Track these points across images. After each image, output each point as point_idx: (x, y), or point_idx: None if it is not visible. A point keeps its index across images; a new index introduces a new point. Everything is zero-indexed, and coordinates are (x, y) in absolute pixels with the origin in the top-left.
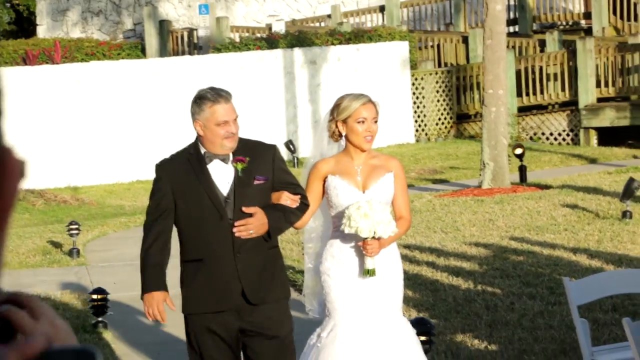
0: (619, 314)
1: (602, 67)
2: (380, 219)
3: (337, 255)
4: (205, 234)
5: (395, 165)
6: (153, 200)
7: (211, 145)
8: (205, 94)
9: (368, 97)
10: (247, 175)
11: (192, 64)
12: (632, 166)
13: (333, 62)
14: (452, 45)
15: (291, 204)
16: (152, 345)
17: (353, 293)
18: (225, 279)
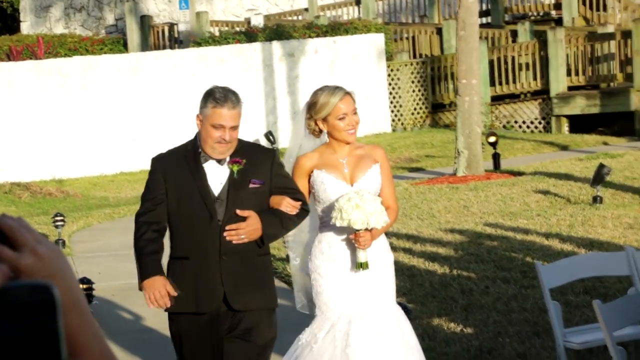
0: (590, 297)
1: (572, 57)
2: (373, 209)
3: (326, 252)
4: (193, 233)
5: (381, 155)
6: (147, 192)
7: (203, 143)
8: (214, 92)
9: (343, 89)
10: (242, 178)
11: (173, 57)
12: (602, 152)
13: (310, 54)
14: (426, 37)
15: (291, 210)
16: (136, 333)
17: (347, 290)
18: (209, 281)
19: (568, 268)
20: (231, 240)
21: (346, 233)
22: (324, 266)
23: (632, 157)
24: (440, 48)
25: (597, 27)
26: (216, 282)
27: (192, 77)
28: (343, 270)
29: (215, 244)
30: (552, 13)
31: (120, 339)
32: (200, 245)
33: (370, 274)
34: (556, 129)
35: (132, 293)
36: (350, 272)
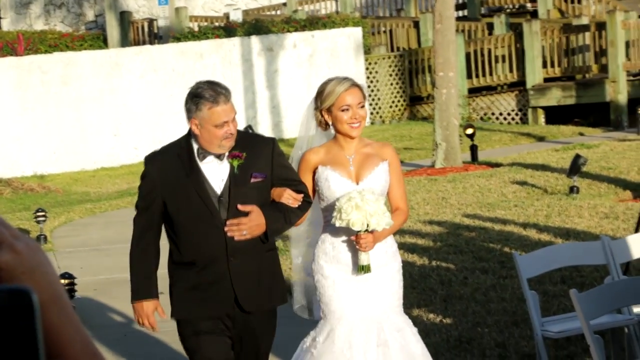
0: (567, 286)
1: (548, 48)
2: (374, 210)
3: (329, 253)
4: (196, 236)
5: (390, 153)
6: (140, 197)
7: (207, 144)
8: (203, 92)
9: (351, 81)
10: (243, 173)
11: (152, 53)
12: (579, 143)
13: (289, 48)
14: (403, 30)
15: (293, 203)
16: (118, 327)
17: (349, 293)
18: (218, 284)
19: (545, 258)
20: (238, 240)
21: (348, 234)
22: (327, 267)
23: (607, 147)
24: (417, 41)
25: (572, 19)
26: (226, 285)
27: (172, 72)
28: (346, 272)
29: (221, 245)
30: (528, 5)
31: (102, 333)
32: (206, 248)
33: (374, 279)
34: (533, 121)
35: (114, 287)
36: (353, 275)
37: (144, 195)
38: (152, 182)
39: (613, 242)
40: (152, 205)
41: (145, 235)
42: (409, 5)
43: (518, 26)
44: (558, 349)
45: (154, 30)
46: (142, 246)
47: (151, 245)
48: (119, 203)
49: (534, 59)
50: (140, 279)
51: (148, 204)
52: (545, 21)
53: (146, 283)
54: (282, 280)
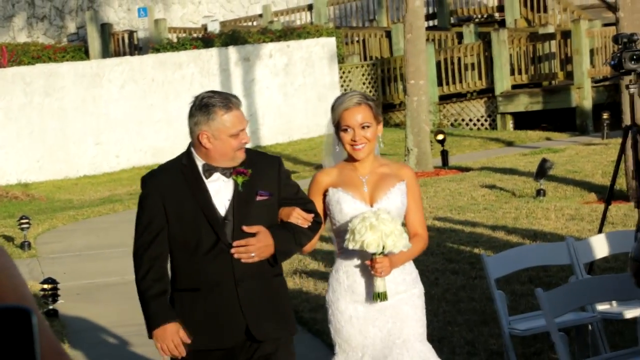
0: (534, 285)
1: (515, 56)
2: (390, 230)
3: (343, 283)
4: (201, 260)
5: (408, 174)
6: (142, 220)
7: (220, 157)
8: (213, 101)
9: (355, 99)
10: (248, 191)
11: (132, 63)
12: (545, 148)
13: (265, 58)
14: (376, 40)
15: (303, 223)
16: (100, 331)
17: (369, 326)
18: (226, 312)
19: (512, 259)
20: (246, 263)
21: (363, 259)
22: (342, 300)
23: (573, 151)
24: (389, 50)
25: (539, 27)
26: (236, 312)
27: (152, 82)
28: (362, 303)
29: (227, 269)
30: (496, 15)
31: (84, 336)
32: (212, 273)
33: (394, 308)
34: (501, 126)
35: (96, 292)
36: (370, 306)
37: (145, 218)
38: (154, 204)
39: (577, 242)
40: (159, 228)
41: (155, 261)
42: (381, 16)
43: (486, 35)
44: (525, 346)
45: (134, 42)
46: (151, 273)
47: (162, 272)
48: (101, 210)
49: (502, 66)
50: (156, 305)
51: (151, 227)
52: (512, 30)
53: (163, 308)
54: (290, 305)
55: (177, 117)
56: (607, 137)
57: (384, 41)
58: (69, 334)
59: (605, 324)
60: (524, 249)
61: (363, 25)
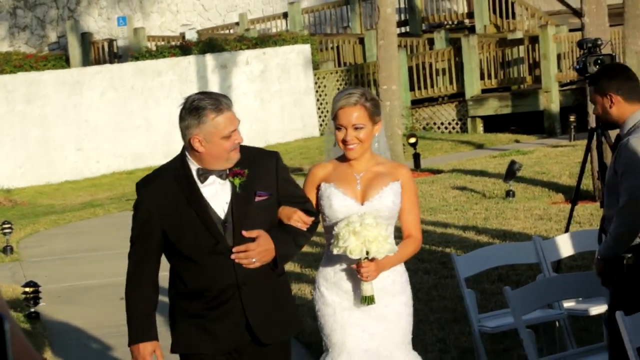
0: (504, 284)
1: (485, 61)
2: (374, 236)
3: (331, 279)
4: (201, 266)
5: (404, 174)
6: (136, 229)
7: (213, 160)
8: (203, 104)
9: (353, 98)
10: (246, 191)
11: (112, 71)
12: (514, 150)
13: (242, 65)
14: (350, 46)
15: (302, 226)
16: (81, 332)
17: (351, 324)
18: (230, 317)
19: (481, 258)
20: (247, 267)
21: (351, 260)
22: (328, 294)
23: (541, 153)
24: (363, 56)
25: (507, 33)
26: (238, 317)
27: (131, 89)
28: (348, 300)
29: (229, 274)
30: (466, 22)
31: (66, 338)
32: (213, 278)
33: (380, 311)
34: (472, 129)
35: (78, 294)
36: (356, 306)
37: (139, 226)
38: (148, 210)
39: (544, 242)
40: (150, 236)
41: (144, 270)
42: (354, 23)
43: (457, 41)
44: (495, 343)
45: (114, 50)
46: (140, 283)
47: (150, 281)
48: (83, 214)
49: (472, 71)
50: (138, 319)
51: (145, 235)
52: (482, 36)
53: (145, 323)
54: (296, 306)
55: (157, 123)
56: (574, 139)
57: (357, 48)
58: (50, 336)
59: (571, 321)
60: (493, 249)
61: (337, 32)
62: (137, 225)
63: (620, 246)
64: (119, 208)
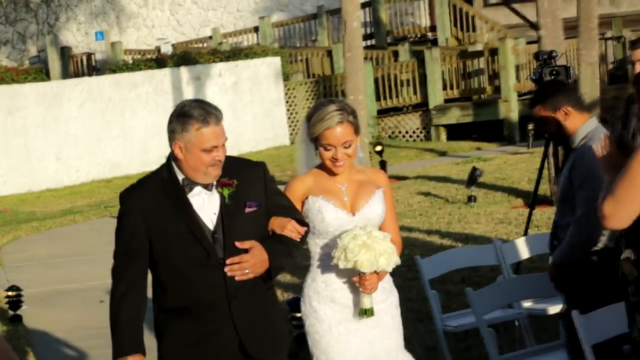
0: (466, 285)
1: (447, 73)
2: (383, 249)
3: (322, 292)
4: (190, 279)
5: (384, 181)
6: (121, 240)
7: (192, 171)
8: (191, 111)
9: (341, 114)
10: (235, 202)
11: (91, 84)
12: (476, 157)
13: (215, 77)
14: (318, 59)
15: (296, 236)
16: (63, 334)
17: (348, 337)
18: (219, 331)
19: (444, 261)
20: (238, 280)
21: (346, 271)
22: (322, 309)
23: (501, 160)
24: (330, 68)
25: (468, 46)
26: (228, 331)
27: (109, 101)
28: (342, 312)
29: (219, 286)
30: (429, 35)
31: (48, 339)
32: (201, 291)
33: (375, 319)
34: (435, 137)
35: (59, 297)
36: (352, 317)
37: (126, 239)
38: (135, 221)
39: (504, 244)
40: (139, 247)
41: (133, 285)
42: (322, 36)
43: (420, 53)
44: (458, 342)
45: (92, 63)
46: (128, 297)
47: (139, 295)
48: (62, 221)
49: (435, 82)
50: (126, 332)
51: (133, 247)
52: (444, 48)
53: (133, 336)
54: (284, 320)
55: (134, 133)
56: (532, 147)
57: (325, 60)
58: (32, 338)
59: (530, 320)
60: (456, 252)
61: (306, 45)
62: (122, 236)
63: (574, 255)
64: (98, 215)
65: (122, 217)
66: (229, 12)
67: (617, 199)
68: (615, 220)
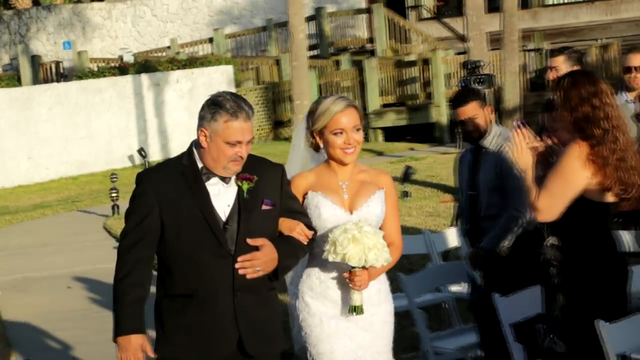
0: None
1: (384, 80)
2: (373, 244)
3: (316, 289)
4: (197, 265)
5: (387, 182)
6: (133, 218)
7: (213, 162)
8: (224, 102)
9: (347, 100)
10: (253, 198)
11: (59, 89)
12: (409, 156)
13: (173, 84)
14: (267, 67)
15: (303, 239)
16: (34, 318)
17: (338, 333)
18: (220, 322)
19: None
20: (249, 277)
21: (340, 268)
22: (314, 304)
23: (432, 159)
24: (279, 76)
25: (403, 56)
26: (229, 323)
27: (76, 105)
28: (335, 309)
29: (227, 278)
30: (367, 46)
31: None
32: (209, 280)
33: (366, 320)
34: (373, 139)
35: (30, 284)
36: (343, 315)
37: (138, 216)
38: (150, 201)
39: (433, 235)
40: (150, 228)
41: (139, 263)
42: (271, 47)
43: (360, 63)
44: None
45: (60, 71)
46: (133, 276)
47: (144, 276)
48: (33, 214)
49: (373, 89)
50: (128, 311)
51: (144, 227)
52: (381, 58)
53: (135, 316)
54: (281, 320)
55: (99, 134)
56: (460, 147)
57: (274, 68)
58: (6, 322)
59: (457, 302)
60: None
61: (256, 55)
62: (135, 216)
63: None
64: (66, 209)
65: (136, 198)
66: (185, 24)
67: (551, 194)
68: (549, 213)
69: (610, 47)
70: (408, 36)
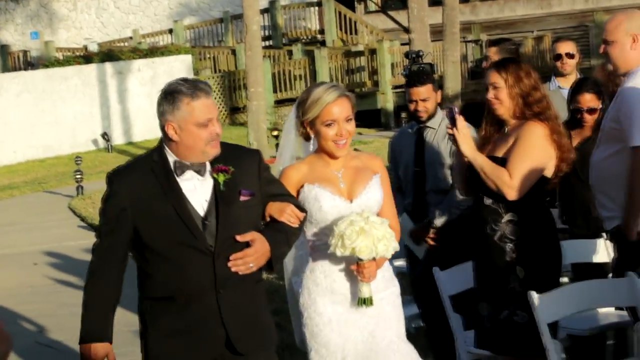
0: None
1: (334, 69)
2: (382, 234)
3: (322, 283)
4: (177, 266)
5: (380, 165)
6: (105, 221)
7: (188, 152)
8: (179, 87)
9: (340, 90)
10: (230, 189)
11: (26, 77)
12: (357, 141)
13: (135, 72)
14: (224, 56)
15: (294, 222)
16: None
17: (349, 328)
18: (205, 322)
19: None
20: (227, 270)
21: (345, 261)
22: (321, 301)
23: (379, 143)
24: (235, 65)
25: (352, 46)
26: (215, 323)
27: (42, 92)
28: (343, 303)
29: (208, 276)
30: (318, 37)
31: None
32: (189, 280)
33: (376, 309)
34: None
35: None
36: (351, 307)
37: (109, 219)
38: (120, 203)
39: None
40: (120, 230)
41: (108, 266)
42: (227, 37)
43: (311, 52)
44: None
45: (28, 59)
46: (103, 279)
47: (113, 278)
48: (2, 195)
49: (323, 77)
50: (94, 318)
51: (114, 228)
52: (331, 48)
53: (101, 323)
54: (269, 314)
55: (64, 120)
56: None
57: (230, 57)
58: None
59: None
60: None
61: (214, 45)
62: (106, 219)
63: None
64: (33, 190)
65: (107, 200)
66: (147, 16)
67: (522, 173)
68: (519, 191)
69: (544, 38)
70: (356, 28)
